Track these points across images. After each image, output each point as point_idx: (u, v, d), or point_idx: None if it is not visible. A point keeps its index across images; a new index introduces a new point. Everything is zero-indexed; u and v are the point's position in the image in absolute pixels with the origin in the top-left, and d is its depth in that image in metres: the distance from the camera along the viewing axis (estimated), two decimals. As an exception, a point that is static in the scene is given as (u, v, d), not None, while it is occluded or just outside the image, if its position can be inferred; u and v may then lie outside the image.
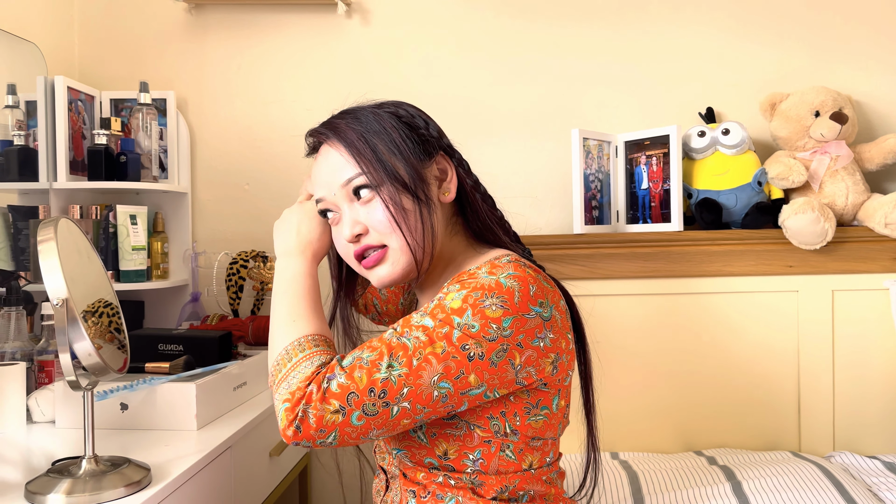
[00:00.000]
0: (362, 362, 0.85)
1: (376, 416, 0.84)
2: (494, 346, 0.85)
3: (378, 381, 0.83)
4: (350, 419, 0.83)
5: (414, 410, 0.85)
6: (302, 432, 0.83)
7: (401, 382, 0.84)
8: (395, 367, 0.84)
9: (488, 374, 0.86)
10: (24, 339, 1.48)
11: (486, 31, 1.93)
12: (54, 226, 1.00)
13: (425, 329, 0.86)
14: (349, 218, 0.95)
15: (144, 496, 1.00)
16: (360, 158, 0.93)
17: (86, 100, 1.81)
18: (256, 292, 1.86)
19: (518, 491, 0.94)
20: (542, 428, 0.94)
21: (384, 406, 0.84)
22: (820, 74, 1.86)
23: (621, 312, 1.75)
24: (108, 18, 1.97)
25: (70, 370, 0.99)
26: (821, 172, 1.73)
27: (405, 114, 0.98)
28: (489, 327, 0.85)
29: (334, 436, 0.84)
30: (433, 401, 0.85)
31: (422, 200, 0.93)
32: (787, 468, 1.48)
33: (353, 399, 0.83)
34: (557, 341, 0.91)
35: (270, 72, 1.96)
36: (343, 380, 0.83)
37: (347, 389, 0.83)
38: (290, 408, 0.83)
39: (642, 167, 1.78)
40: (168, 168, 1.90)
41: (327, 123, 0.99)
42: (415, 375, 0.84)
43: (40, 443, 1.28)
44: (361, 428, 0.84)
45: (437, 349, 0.84)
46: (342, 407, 0.83)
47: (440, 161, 0.99)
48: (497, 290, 0.86)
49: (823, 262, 1.72)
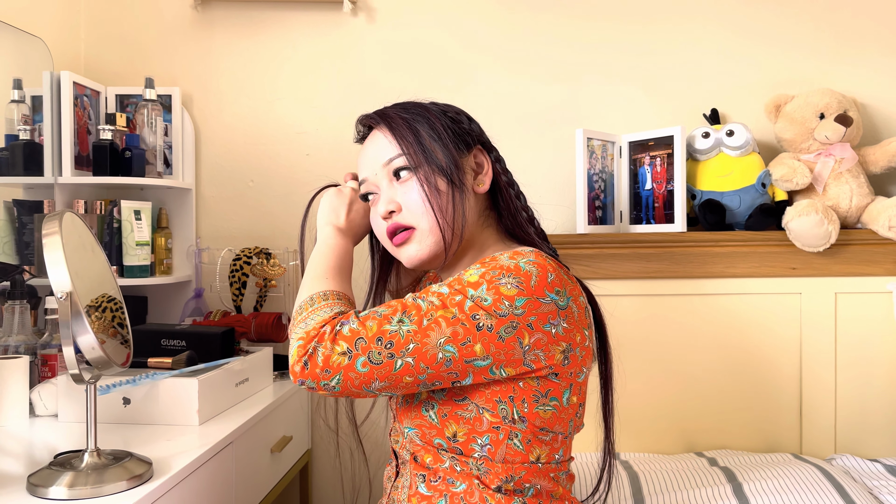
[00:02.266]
0: (376, 314, 0.90)
1: (380, 365, 0.88)
2: (504, 321, 0.89)
3: (387, 331, 0.88)
4: (355, 364, 0.88)
5: (417, 368, 0.89)
6: (308, 369, 0.88)
7: (408, 337, 0.88)
8: (405, 322, 0.89)
9: (494, 348, 0.89)
10: (27, 332, 1.49)
11: (491, 30, 1.93)
12: (59, 220, 1.00)
13: (440, 295, 0.91)
14: (386, 196, 1.02)
15: (146, 490, 1.01)
16: (402, 141, 1.01)
17: (91, 95, 1.82)
18: (259, 289, 1.86)
19: (524, 483, 0.96)
20: (550, 419, 0.95)
21: (389, 357, 0.88)
22: (825, 77, 1.86)
23: (623, 313, 1.75)
24: (115, 14, 1.98)
25: (73, 363, 1.00)
26: (825, 175, 1.73)
27: (450, 110, 1.07)
28: (501, 303, 0.89)
29: (338, 379, 0.88)
30: (437, 362, 0.89)
31: (456, 185, 0.99)
32: (789, 470, 1.48)
33: (360, 344, 0.88)
34: (571, 332, 0.93)
35: (275, 69, 1.96)
36: (355, 325, 0.89)
37: (357, 334, 0.88)
38: (302, 344, 0.89)
39: (646, 168, 1.78)
40: (172, 164, 1.90)
41: (378, 111, 1.07)
42: (422, 333, 0.88)
43: (43, 436, 1.28)
44: (364, 376, 0.88)
45: (448, 314, 0.89)
46: (349, 350, 0.87)
47: (478, 155, 1.06)
48: (515, 272, 0.91)
49: (827, 265, 1.72)
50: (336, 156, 1.95)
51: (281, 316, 1.81)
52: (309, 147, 1.96)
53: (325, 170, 1.94)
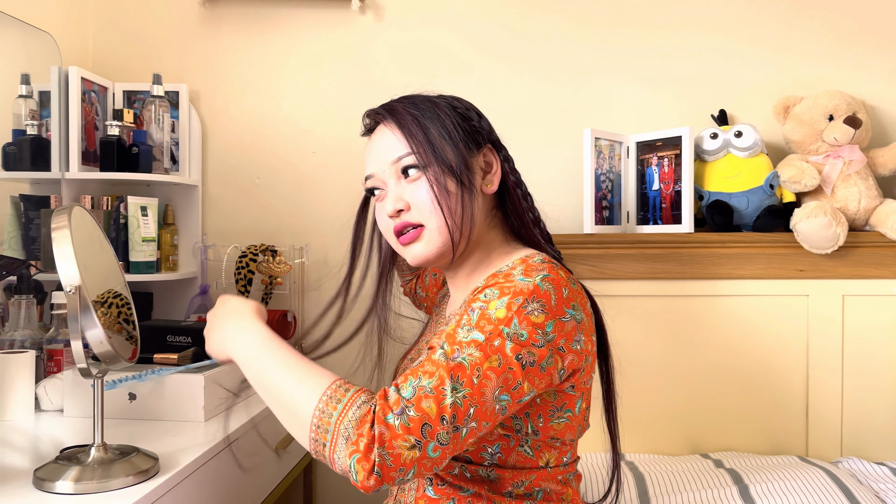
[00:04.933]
0: (425, 391, 0.81)
1: (448, 443, 0.82)
2: (544, 353, 0.87)
3: (447, 406, 0.81)
4: (426, 452, 0.80)
5: (479, 428, 0.84)
6: (383, 476, 0.79)
7: (466, 404, 0.82)
8: (458, 389, 0.82)
9: (539, 381, 0.87)
10: (33, 327, 1.49)
11: (499, 29, 1.93)
12: (68, 214, 1.00)
13: (478, 345, 0.84)
14: (394, 194, 0.98)
15: (153, 485, 1.01)
16: (411, 139, 0.97)
17: (99, 91, 1.82)
18: (265, 286, 1.86)
19: (534, 487, 0.95)
20: (563, 430, 0.95)
21: (454, 430, 0.81)
22: (834, 78, 1.85)
23: (630, 313, 1.74)
24: (123, 10, 1.98)
25: (81, 357, 1.00)
26: (833, 176, 1.73)
27: (460, 105, 1.03)
28: (536, 334, 0.86)
29: (413, 471, 0.81)
30: (495, 414, 0.85)
31: (465, 185, 0.96)
32: (795, 473, 1.48)
33: (427, 430, 0.80)
34: (587, 344, 0.93)
35: (283, 66, 1.96)
36: (413, 413, 0.80)
37: (421, 421, 0.80)
38: (361, 458, 0.79)
39: (654, 168, 1.77)
40: (179, 160, 1.90)
41: (385, 105, 1.03)
42: (478, 394, 0.82)
43: (48, 431, 1.28)
44: (437, 458, 0.82)
45: (494, 363, 0.84)
46: (418, 441, 0.80)
47: (487, 154, 1.03)
48: (536, 295, 0.87)
49: (834, 267, 1.71)
50: (343, 154, 1.94)
51: (286, 313, 1.81)
52: (315, 145, 1.96)
53: (332, 168, 1.94)
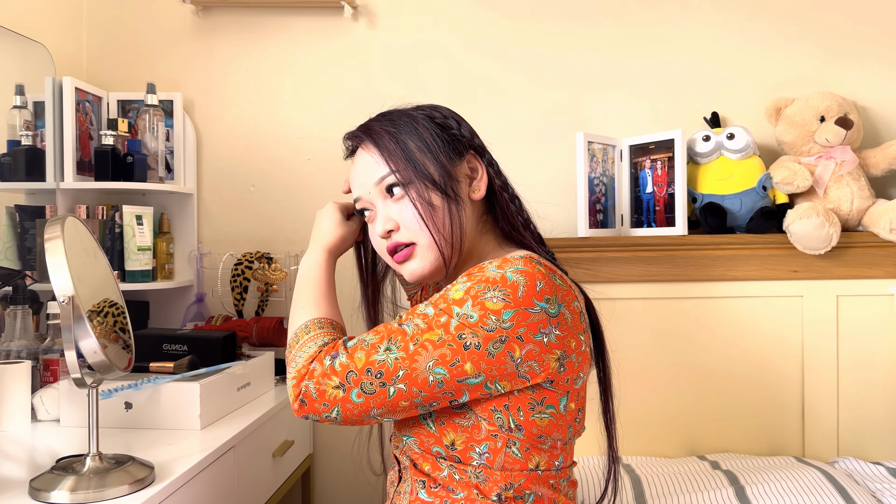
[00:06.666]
0: (364, 344, 0.91)
1: (374, 394, 0.89)
2: (492, 336, 0.88)
3: (375, 361, 0.89)
4: (350, 396, 0.89)
5: (410, 393, 0.89)
6: (307, 405, 0.91)
7: (397, 364, 0.89)
8: (392, 350, 0.89)
9: (485, 365, 0.88)
10: (29, 337, 1.49)
11: (492, 35, 1.93)
12: (61, 224, 1.01)
13: (425, 317, 0.90)
14: (382, 214, 1.00)
15: (148, 494, 1.01)
16: (390, 158, 0.98)
17: (93, 101, 1.82)
18: (261, 293, 1.86)
19: (523, 490, 0.95)
20: (547, 427, 0.94)
21: (381, 386, 0.89)
22: (826, 79, 1.86)
23: (624, 316, 1.75)
24: (117, 20, 1.98)
25: (76, 367, 1.00)
26: (826, 177, 1.73)
27: (439, 115, 1.03)
28: (487, 318, 0.88)
29: (337, 410, 0.90)
30: (429, 385, 0.89)
31: (450, 197, 0.98)
32: (791, 473, 1.48)
33: (351, 377, 0.89)
34: (565, 339, 0.92)
35: (277, 74, 1.97)
36: (344, 359, 0.90)
37: (347, 368, 0.90)
38: (295, 384, 0.92)
39: (647, 171, 1.78)
40: (174, 169, 1.91)
41: (362, 126, 1.04)
42: (410, 359, 0.88)
43: (45, 441, 1.28)
44: (362, 405, 0.90)
45: (434, 336, 0.89)
46: (342, 384, 0.89)
47: (471, 160, 1.03)
48: (501, 284, 0.89)
49: (828, 268, 1.72)
50: (337, 161, 1.91)
51: (282, 320, 1.81)
52: (310, 152, 1.97)
53: (327, 175, 1.95)
